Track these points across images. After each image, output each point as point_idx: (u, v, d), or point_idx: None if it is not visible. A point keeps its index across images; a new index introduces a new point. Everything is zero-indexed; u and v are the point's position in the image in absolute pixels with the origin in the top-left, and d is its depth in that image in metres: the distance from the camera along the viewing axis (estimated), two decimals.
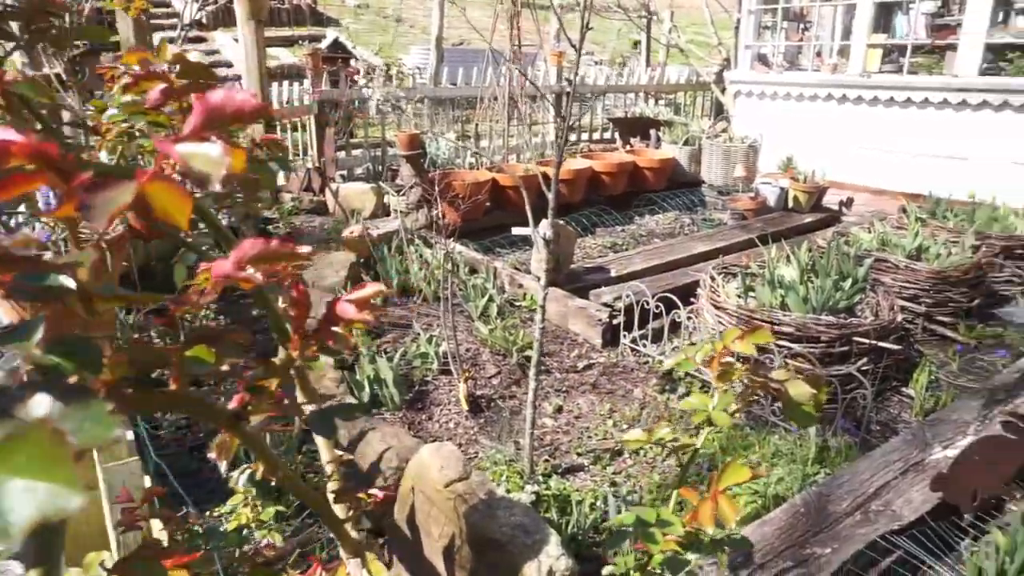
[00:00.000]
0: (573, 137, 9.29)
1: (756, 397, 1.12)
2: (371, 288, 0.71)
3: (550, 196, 2.39)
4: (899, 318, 3.25)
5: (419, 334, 3.77)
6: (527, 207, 2.56)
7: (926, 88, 6.24)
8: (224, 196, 1.05)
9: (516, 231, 2.49)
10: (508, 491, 2.62)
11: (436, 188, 5.02)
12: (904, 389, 3.34)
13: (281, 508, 2.29)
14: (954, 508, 2.40)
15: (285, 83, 7.46)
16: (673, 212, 6.15)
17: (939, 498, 2.37)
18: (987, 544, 2.17)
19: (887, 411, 3.21)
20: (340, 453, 2.09)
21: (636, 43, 13.84)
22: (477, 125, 7.91)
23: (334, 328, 0.70)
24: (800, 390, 1.01)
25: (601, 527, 2.44)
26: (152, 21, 16.24)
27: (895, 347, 3.08)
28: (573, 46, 2.16)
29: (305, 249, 0.67)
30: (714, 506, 1.06)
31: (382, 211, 6.28)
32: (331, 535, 2.14)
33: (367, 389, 3.29)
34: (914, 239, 4.01)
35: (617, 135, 8.87)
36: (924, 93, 6.26)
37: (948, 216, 4.63)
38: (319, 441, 1.48)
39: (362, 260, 4.82)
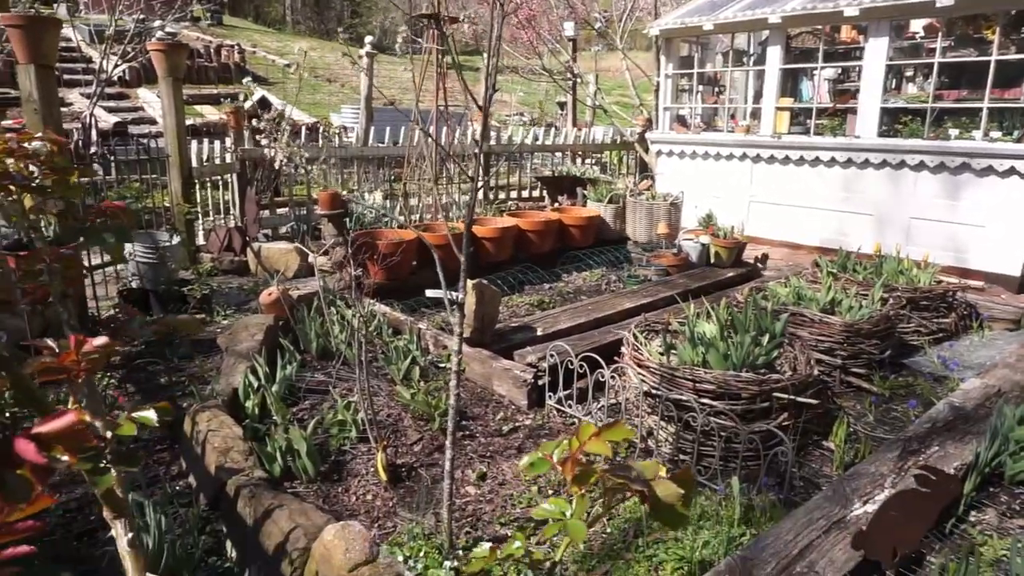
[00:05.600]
0: (502, 195, 9.39)
1: (622, 498, 1.04)
2: (68, 418, 0.59)
3: (462, 258, 2.34)
4: (816, 372, 3.30)
5: (337, 400, 3.61)
6: (438, 268, 2.50)
7: (832, 148, 6.58)
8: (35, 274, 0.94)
9: (429, 294, 2.41)
10: (426, 567, 2.47)
11: (357, 247, 4.93)
12: (824, 443, 3.37)
13: None
14: (877, 565, 2.39)
15: (206, 141, 7.30)
16: (599, 269, 6.22)
17: (861, 556, 2.35)
18: None
19: (809, 466, 3.22)
20: None
21: (562, 104, 14.26)
22: (405, 184, 7.87)
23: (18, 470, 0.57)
24: (668, 491, 0.94)
25: None
26: (70, 76, 15.74)
27: (813, 402, 3.11)
28: (479, 106, 2.14)
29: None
30: None
31: (306, 271, 6.12)
32: None
33: (279, 461, 3.10)
34: (827, 293, 4.13)
35: (545, 193, 9.02)
36: (830, 153, 6.59)
37: (858, 270, 4.82)
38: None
39: (280, 323, 4.64)
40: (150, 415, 0.84)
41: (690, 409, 3.09)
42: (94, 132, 8.30)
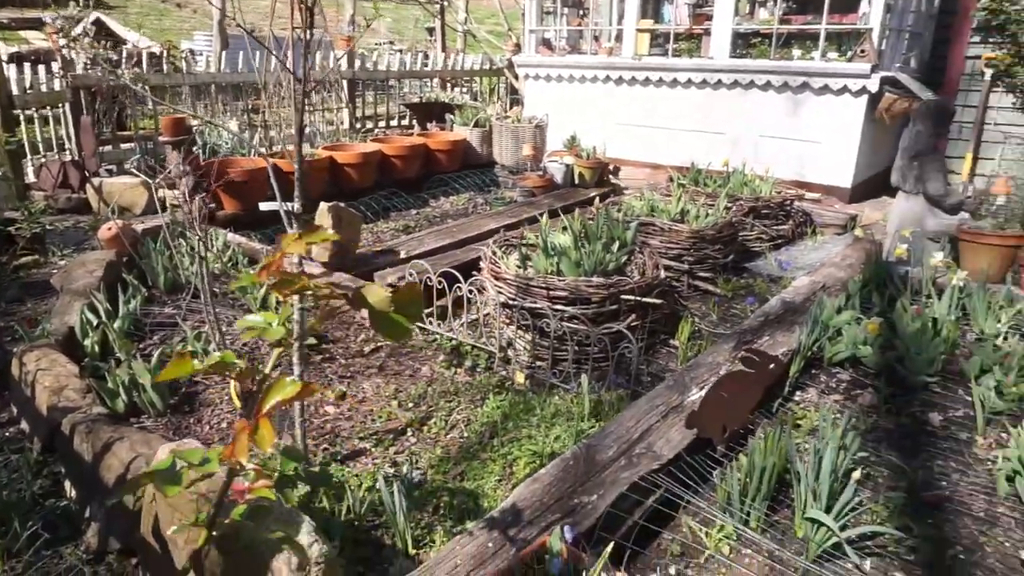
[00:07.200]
0: (370, 125, 9.07)
1: (339, 308, 1.06)
2: None
3: (295, 165, 2.25)
4: (663, 275, 3.47)
5: (187, 332, 3.44)
6: (272, 180, 2.39)
7: (689, 69, 6.79)
8: None
9: (263, 207, 2.29)
10: None
11: (210, 176, 4.65)
12: (672, 341, 3.58)
13: None
14: (709, 442, 2.59)
15: (27, 66, 6.53)
16: (467, 193, 6.20)
17: (694, 434, 2.55)
18: (733, 470, 2.36)
19: (657, 363, 3.42)
20: None
21: (431, 30, 13.83)
22: (264, 113, 7.43)
23: None
24: (378, 296, 0.95)
25: (379, 508, 2.35)
26: None
27: (657, 302, 3.29)
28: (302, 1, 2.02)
29: None
30: (252, 434, 0.97)
31: (157, 206, 5.70)
32: None
33: (123, 396, 2.95)
34: (677, 204, 4.32)
35: (415, 121, 8.80)
36: (687, 74, 6.81)
37: (708, 183, 5.07)
38: None
39: (125, 259, 4.33)
40: None
41: (545, 316, 3.18)
42: None
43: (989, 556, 2.17)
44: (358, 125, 8.74)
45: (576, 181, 6.03)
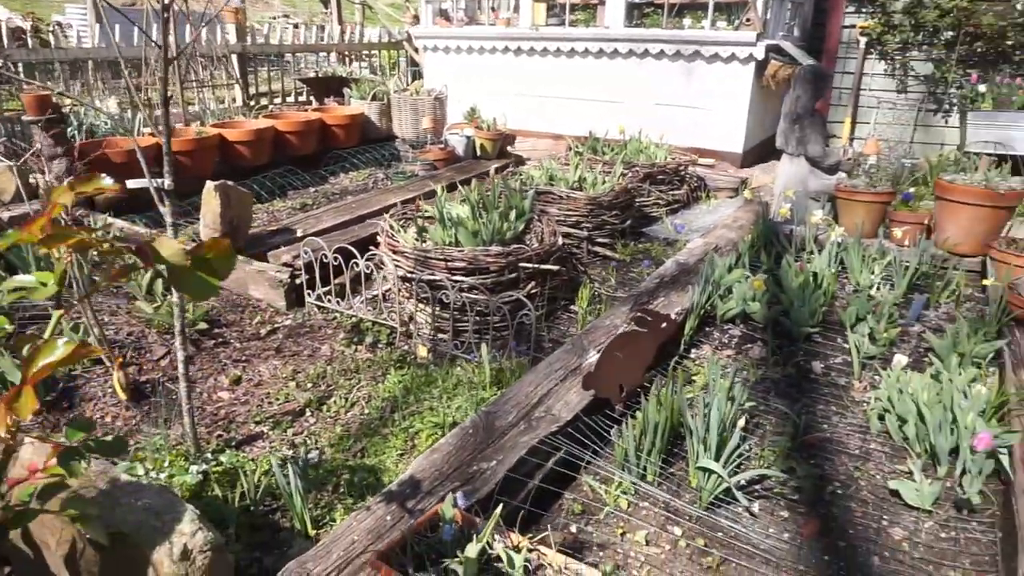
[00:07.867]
0: (264, 101, 8.70)
1: (132, 264, 1.01)
2: None
3: (162, 140, 2.11)
4: (560, 241, 3.51)
5: (62, 324, 3.22)
6: (139, 156, 2.24)
7: (585, 39, 6.83)
8: None
9: (131, 184, 2.15)
10: (171, 476, 2.34)
11: (86, 158, 4.34)
12: (572, 307, 3.63)
13: None
14: (607, 402, 2.65)
15: None
16: (367, 168, 6.05)
17: (592, 395, 2.60)
18: (630, 427, 2.42)
19: (558, 328, 3.47)
20: None
21: (326, 3, 13.35)
22: (148, 90, 6.97)
23: None
24: (172, 250, 0.89)
25: (277, 492, 2.28)
26: None
27: (555, 268, 3.32)
28: None
29: None
30: (11, 403, 0.92)
31: (23, 193, 5.27)
32: None
33: None
34: (575, 172, 4.36)
35: (313, 97, 8.50)
36: (584, 43, 6.85)
37: (605, 151, 5.15)
38: None
39: None
40: None
41: (444, 288, 3.15)
42: None
43: (863, 488, 2.33)
44: (252, 102, 8.35)
45: (478, 153, 6.00)
